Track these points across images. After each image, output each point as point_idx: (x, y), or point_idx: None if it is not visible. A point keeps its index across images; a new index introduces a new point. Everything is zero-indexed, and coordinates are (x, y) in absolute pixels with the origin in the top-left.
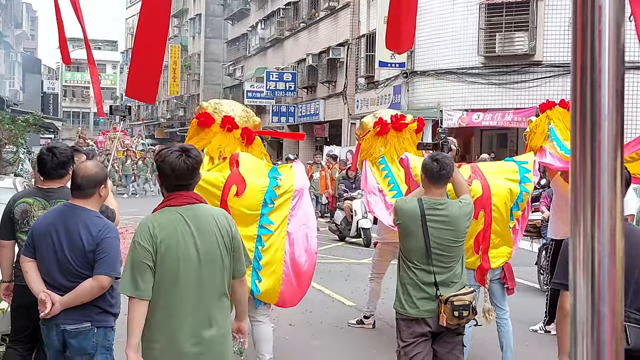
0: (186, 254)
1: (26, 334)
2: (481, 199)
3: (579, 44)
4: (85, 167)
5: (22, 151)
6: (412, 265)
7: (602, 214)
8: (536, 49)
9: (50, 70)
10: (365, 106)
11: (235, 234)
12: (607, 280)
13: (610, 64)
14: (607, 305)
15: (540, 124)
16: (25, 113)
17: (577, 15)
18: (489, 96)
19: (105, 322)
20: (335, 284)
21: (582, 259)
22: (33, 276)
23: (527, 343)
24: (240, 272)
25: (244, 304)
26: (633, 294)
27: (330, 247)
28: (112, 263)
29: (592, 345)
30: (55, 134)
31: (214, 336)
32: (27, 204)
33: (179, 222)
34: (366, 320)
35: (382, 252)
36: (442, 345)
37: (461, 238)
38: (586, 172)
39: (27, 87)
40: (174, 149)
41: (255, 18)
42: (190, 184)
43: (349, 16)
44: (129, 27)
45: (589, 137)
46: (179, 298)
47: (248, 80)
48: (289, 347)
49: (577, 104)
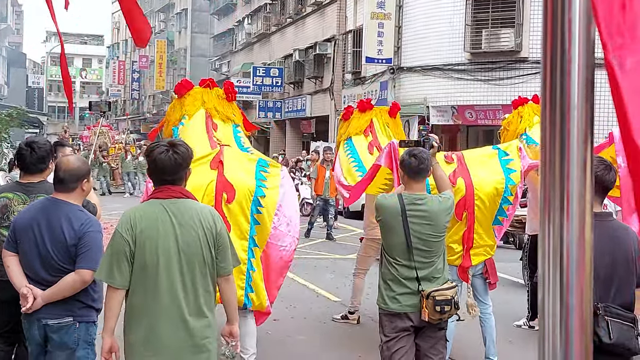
0: (166, 245)
1: (8, 329)
2: (464, 199)
3: (549, 32)
4: (67, 161)
5: (5, 146)
6: (393, 260)
7: (572, 203)
8: (522, 46)
9: (35, 64)
10: (352, 102)
11: (221, 231)
12: (575, 271)
13: (580, 53)
14: (575, 296)
15: (512, 121)
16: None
17: (548, 2)
18: (475, 92)
19: (87, 317)
20: (320, 280)
21: (551, 249)
22: (15, 270)
23: (510, 338)
24: (225, 270)
25: (233, 305)
26: (616, 290)
27: (316, 242)
28: (94, 257)
29: (560, 337)
30: (40, 128)
31: (195, 329)
32: (6, 199)
33: (161, 214)
34: (351, 315)
35: (366, 248)
36: (424, 339)
37: (441, 233)
38: (555, 160)
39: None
40: (161, 144)
41: (242, 13)
42: (176, 179)
43: (335, 12)
44: (115, 21)
45: (559, 126)
46: (158, 288)
47: (234, 76)
48: (273, 342)
49: (546, 92)
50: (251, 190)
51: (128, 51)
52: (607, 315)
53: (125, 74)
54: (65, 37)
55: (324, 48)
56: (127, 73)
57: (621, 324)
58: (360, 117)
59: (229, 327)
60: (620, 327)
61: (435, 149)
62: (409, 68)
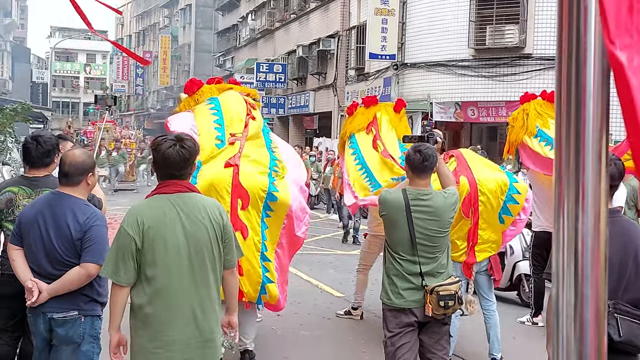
0: (174, 241)
1: (13, 323)
2: (469, 196)
3: (565, 20)
4: (72, 155)
5: (10, 140)
6: (397, 256)
7: (587, 195)
8: (526, 42)
9: (39, 59)
10: (355, 98)
11: (226, 225)
12: (590, 262)
13: (596, 42)
14: (590, 287)
15: (518, 117)
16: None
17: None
18: (479, 89)
19: (92, 311)
20: (324, 275)
21: (566, 241)
22: (20, 264)
23: (514, 335)
24: (230, 263)
25: (235, 297)
26: (626, 287)
27: (320, 238)
28: (99, 251)
29: (575, 328)
30: (44, 123)
31: (204, 324)
32: (12, 193)
33: (168, 209)
34: (354, 311)
35: (370, 244)
36: (428, 335)
37: (446, 228)
38: (570, 153)
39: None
40: (168, 138)
41: (246, 9)
42: (183, 174)
43: (339, 8)
44: (119, 17)
45: (574, 115)
46: (167, 283)
47: (238, 72)
48: (277, 337)
49: (561, 81)
50: (264, 188)
51: (132, 47)
52: (617, 312)
53: (129, 70)
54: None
55: (327, 44)
56: (131, 69)
57: (630, 322)
58: (365, 113)
59: (228, 317)
60: (630, 325)
61: (439, 145)
62: (413, 64)
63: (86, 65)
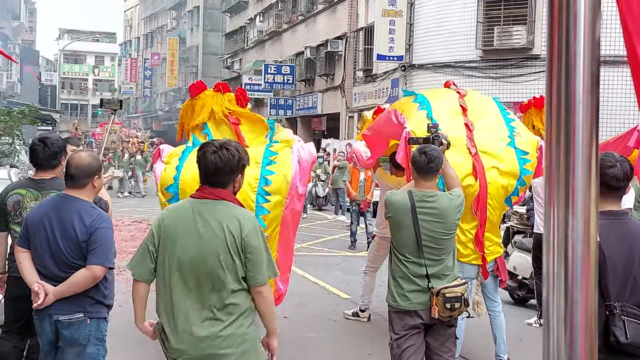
0: (184, 244)
1: (19, 325)
2: (478, 198)
3: (555, 26)
4: (79, 157)
5: (18, 143)
6: (403, 258)
7: (577, 199)
8: (534, 43)
9: (48, 62)
10: (363, 99)
11: (248, 238)
12: (580, 266)
13: (586, 47)
14: (580, 291)
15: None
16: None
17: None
18: (487, 90)
19: (98, 313)
20: (330, 277)
21: (556, 245)
22: (27, 266)
23: (521, 337)
24: (255, 281)
25: (268, 318)
26: (632, 289)
27: (327, 240)
28: (105, 253)
29: (565, 332)
30: (52, 126)
31: (202, 336)
32: (19, 195)
33: (187, 211)
34: (362, 313)
35: (378, 247)
36: (434, 337)
37: (451, 230)
38: (560, 157)
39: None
40: (214, 143)
41: (254, 11)
42: (218, 182)
43: (347, 9)
44: (127, 19)
45: (564, 120)
46: (177, 284)
47: (246, 73)
48: (283, 339)
49: (551, 87)
50: (255, 178)
51: (140, 49)
52: (624, 314)
53: (137, 72)
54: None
55: (335, 45)
56: (139, 71)
57: (637, 324)
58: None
59: (266, 340)
60: (636, 327)
61: (444, 147)
62: (420, 65)
63: (94, 67)
